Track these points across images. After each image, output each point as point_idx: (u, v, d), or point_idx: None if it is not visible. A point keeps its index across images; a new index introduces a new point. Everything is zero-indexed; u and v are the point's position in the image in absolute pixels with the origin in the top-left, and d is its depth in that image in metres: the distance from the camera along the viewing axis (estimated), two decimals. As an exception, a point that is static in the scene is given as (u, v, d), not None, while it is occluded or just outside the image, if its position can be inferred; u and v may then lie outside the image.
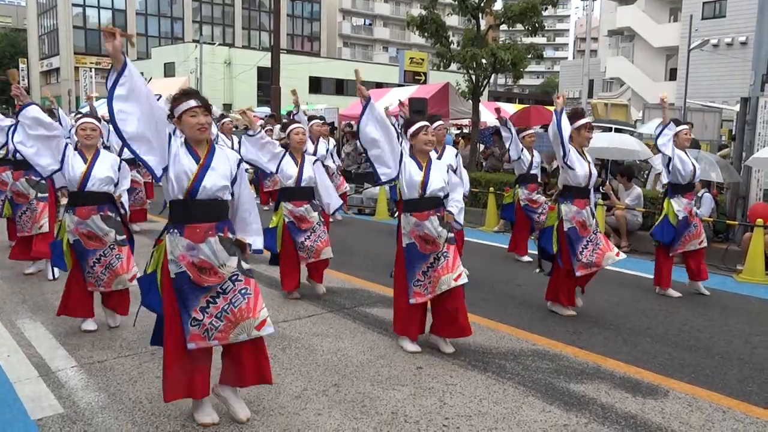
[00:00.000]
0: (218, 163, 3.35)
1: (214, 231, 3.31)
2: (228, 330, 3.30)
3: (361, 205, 12.99)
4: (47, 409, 3.59)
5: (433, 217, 4.49)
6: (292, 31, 56.09)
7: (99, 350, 4.53)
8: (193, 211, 3.29)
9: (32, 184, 6.71)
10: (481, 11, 15.52)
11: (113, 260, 4.86)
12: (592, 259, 5.48)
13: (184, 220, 3.29)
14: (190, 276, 3.28)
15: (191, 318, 3.28)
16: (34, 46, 54.32)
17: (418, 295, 4.52)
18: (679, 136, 6.27)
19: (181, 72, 37.11)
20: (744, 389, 4.10)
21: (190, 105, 3.29)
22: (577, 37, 64.19)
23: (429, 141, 4.53)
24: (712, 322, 5.62)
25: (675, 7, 34.72)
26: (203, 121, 3.30)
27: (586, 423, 3.54)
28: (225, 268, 3.32)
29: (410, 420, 3.53)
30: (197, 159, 3.30)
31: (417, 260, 4.51)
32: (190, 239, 3.27)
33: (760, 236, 7.33)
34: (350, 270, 7.18)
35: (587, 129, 5.50)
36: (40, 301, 5.77)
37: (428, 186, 4.48)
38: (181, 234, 3.27)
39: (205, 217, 3.30)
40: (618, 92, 35.15)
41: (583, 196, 5.52)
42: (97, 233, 4.82)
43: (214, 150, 3.38)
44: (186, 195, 3.27)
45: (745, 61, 17.06)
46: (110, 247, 4.86)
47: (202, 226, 3.28)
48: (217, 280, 3.31)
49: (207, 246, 3.27)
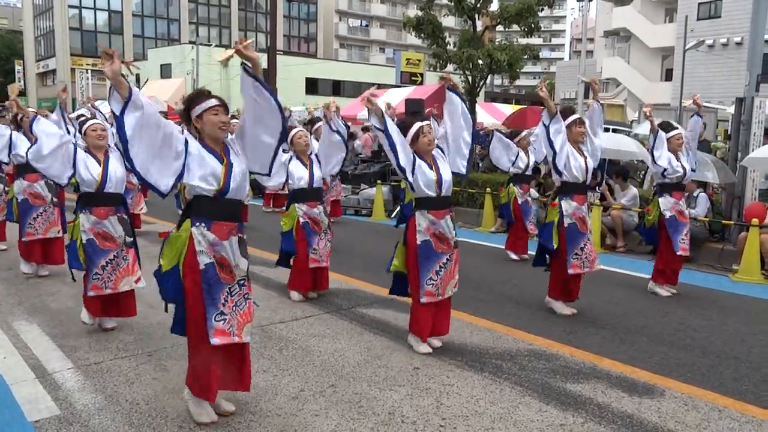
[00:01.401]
0: (237, 162, 3.39)
1: (236, 231, 3.39)
2: (240, 330, 3.38)
3: (358, 206, 13.00)
4: (44, 411, 3.59)
5: (448, 216, 4.56)
6: (289, 33, 56.04)
7: (96, 352, 4.53)
8: (221, 209, 3.34)
9: (50, 187, 6.69)
10: (477, 12, 15.57)
11: (121, 261, 4.86)
12: (588, 260, 5.51)
13: (211, 216, 3.32)
14: (216, 269, 3.32)
15: (218, 312, 3.30)
16: (30, 48, 54.18)
17: (429, 295, 4.51)
18: (671, 141, 6.31)
19: (177, 73, 37.05)
20: (740, 388, 4.11)
21: (211, 104, 3.33)
22: (573, 38, 64.28)
23: (430, 141, 4.53)
24: (708, 322, 5.63)
25: (670, 7, 34.79)
26: (225, 120, 3.34)
27: (582, 422, 3.55)
28: (238, 270, 3.39)
29: (407, 420, 3.53)
30: (220, 159, 3.33)
31: (432, 258, 4.50)
32: (216, 235, 3.31)
33: (756, 236, 7.35)
34: (347, 271, 7.18)
35: (578, 124, 5.52)
36: (36, 303, 5.76)
37: (443, 184, 4.50)
38: (209, 229, 3.31)
39: (231, 216, 3.38)
40: (614, 93, 35.15)
41: (582, 192, 5.58)
42: (112, 234, 4.83)
43: (229, 150, 3.41)
44: (216, 194, 3.31)
45: (741, 62, 17.12)
46: (120, 249, 4.87)
47: (228, 224, 3.35)
48: (230, 279, 3.36)
49: (229, 244, 3.34)
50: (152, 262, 3.83)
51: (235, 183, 3.34)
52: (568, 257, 5.50)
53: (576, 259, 5.51)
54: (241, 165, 3.39)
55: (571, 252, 5.50)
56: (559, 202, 5.56)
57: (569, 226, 5.50)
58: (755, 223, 7.40)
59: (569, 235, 5.50)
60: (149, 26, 52.92)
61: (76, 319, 5.10)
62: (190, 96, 3.42)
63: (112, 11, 51.27)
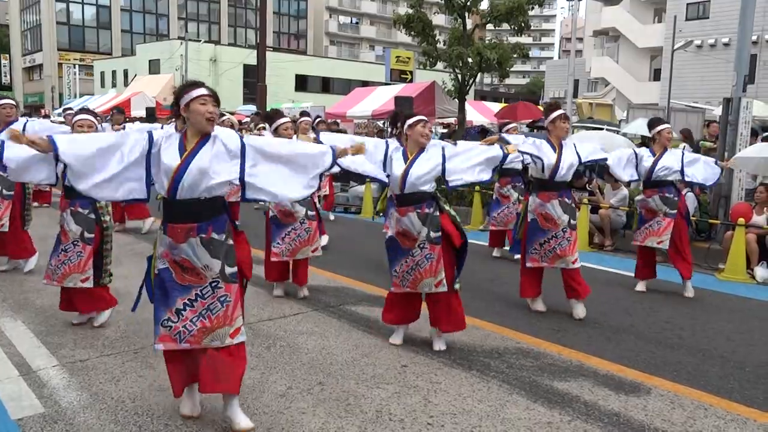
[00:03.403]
0: (203, 159, 3.16)
1: (196, 232, 3.20)
2: (201, 335, 3.25)
3: (347, 203, 12.97)
4: (28, 408, 3.55)
5: (412, 213, 4.47)
6: (279, 29, 55.88)
7: (81, 349, 4.49)
8: (174, 210, 3.22)
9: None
10: (467, 10, 15.59)
11: (73, 256, 4.81)
12: (546, 256, 5.56)
13: (166, 219, 3.26)
14: (173, 273, 3.25)
15: (164, 318, 3.26)
16: (17, 42, 53.70)
17: (396, 286, 4.72)
18: (661, 135, 6.34)
19: (166, 69, 36.83)
20: (725, 386, 4.14)
21: (200, 93, 3.20)
22: (563, 37, 64.60)
23: (425, 134, 4.53)
24: (695, 321, 5.67)
25: (659, 8, 35.00)
26: (212, 110, 3.19)
27: (569, 420, 3.56)
28: (207, 271, 3.23)
29: (395, 418, 3.53)
30: (182, 153, 3.18)
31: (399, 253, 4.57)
32: (171, 238, 3.23)
33: (742, 235, 7.41)
34: (336, 268, 7.16)
35: (562, 119, 5.52)
36: (20, 300, 5.70)
37: (407, 180, 4.44)
38: (165, 232, 3.25)
39: (188, 217, 3.19)
40: (603, 92, 35.35)
41: (547, 189, 5.52)
42: (66, 227, 4.82)
43: (203, 145, 3.19)
44: (167, 193, 3.19)
45: (728, 62, 17.24)
46: (73, 243, 4.81)
47: (184, 226, 3.19)
48: (198, 281, 3.24)
49: (188, 246, 3.20)
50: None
51: (187, 181, 3.13)
52: (527, 251, 5.64)
53: (535, 253, 5.60)
54: (205, 162, 3.15)
55: (530, 246, 5.61)
56: (529, 197, 5.69)
57: (531, 222, 5.62)
58: (741, 222, 7.45)
59: (530, 230, 5.64)
60: (138, 21, 52.61)
61: (61, 316, 5.06)
62: (181, 86, 3.30)
63: (100, 6, 50.94)
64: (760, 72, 27.40)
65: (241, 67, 37.80)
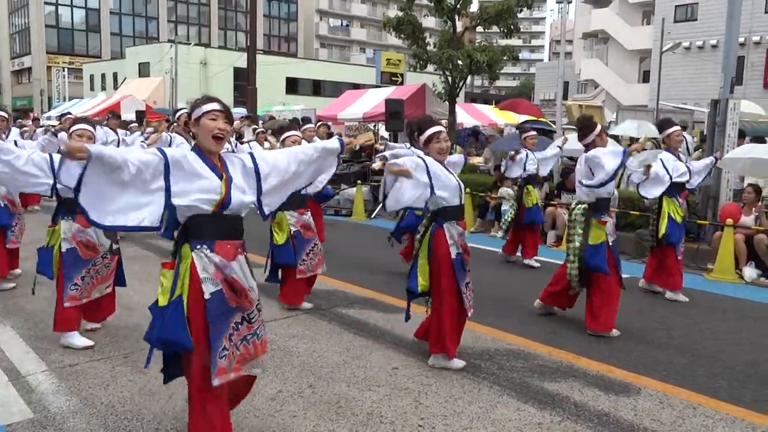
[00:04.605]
0: (236, 175, 3.04)
1: (242, 249, 3.06)
2: (244, 361, 3.02)
3: (338, 206, 12.97)
4: (17, 414, 3.53)
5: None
6: (269, 32, 55.81)
7: (70, 354, 4.46)
8: (223, 226, 2.98)
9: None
10: (457, 13, 15.62)
11: (101, 269, 4.77)
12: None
13: (213, 236, 2.95)
14: (225, 296, 2.94)
15: (221, 347, 2.90)
16: (5, 45, 53.32)
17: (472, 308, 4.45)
18: (671, 137, 6.43)
19: (156, 72, 36.68)
20: (713, 386, 4.17)
21: (211, 107, 2.98)
22: (553, 40, 64.86)
23: (442, 149, 4.27)
24: (684, 321, 5.71)
25: (648, 10, 35.27)
26: (222, 126, 2.96)
27: (559, 421, 3.58)
28: (253, 293, 3.07)
29: (386, 421, 3.53)
30: (217, 171, 2.97)
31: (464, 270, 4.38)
32: (222, 256, 2.94)
33: (730, 236, 7.47)
34: (327, 271, 7.13)
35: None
36: (10, 305, 5.67)
37: (462, 190, 4.40)
38: (212, 250, 2.93)
39: (235, 233, 3.03)
40: (592, 94, 35.53)
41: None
42: (95, 242, 4.68)
43: (225, 162, 3.06)
44: (216, 208, 2.93)
45: (716, 64, 17.38)
46: (102, 256, 4.76)
47: (232, 242, 3.01)
48: (248, 305, 3.03)
49: (238, 264, 3.00)
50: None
51: (236, 196, 2.97)
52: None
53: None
54: (239, 178, 3.04)
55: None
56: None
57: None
58: (730, 223, 7.52)
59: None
60: (127, 24, 52.37)
61: (50, 321, 5.02)
62: (196, 99, 3.10)
63: (90, 8, 50.67)
64: (748, 73, 27.66)
65: (231, 70, 37.69)
